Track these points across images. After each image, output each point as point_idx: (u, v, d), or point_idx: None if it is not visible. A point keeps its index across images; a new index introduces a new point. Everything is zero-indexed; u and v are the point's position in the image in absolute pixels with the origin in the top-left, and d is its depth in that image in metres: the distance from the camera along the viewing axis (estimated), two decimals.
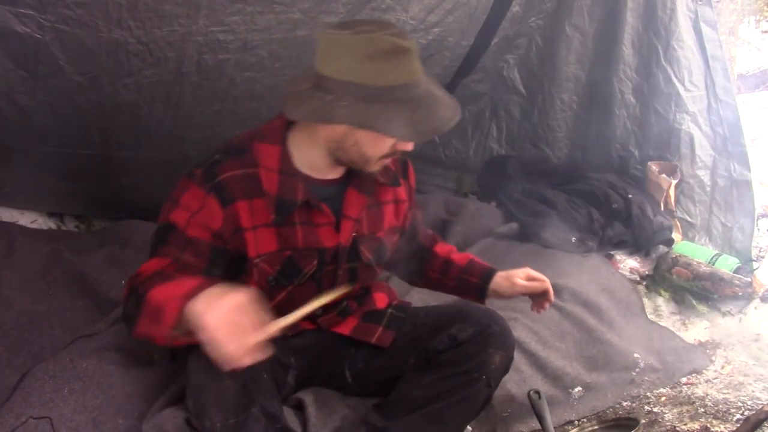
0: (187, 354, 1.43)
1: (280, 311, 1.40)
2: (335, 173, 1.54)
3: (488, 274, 1.75)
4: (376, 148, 1.44)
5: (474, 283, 1.76)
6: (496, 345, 1.55)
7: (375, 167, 1.50)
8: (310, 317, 1.56)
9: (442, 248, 1.84)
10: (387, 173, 1.61)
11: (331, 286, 1.54)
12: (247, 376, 1.34)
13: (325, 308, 1.57)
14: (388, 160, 1.51)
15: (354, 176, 1.55)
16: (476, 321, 1.56)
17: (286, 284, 1.51)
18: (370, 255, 1.60)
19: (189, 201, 1.46)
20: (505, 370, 1.62)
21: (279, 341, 1.50)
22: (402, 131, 1.38)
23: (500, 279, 1.74)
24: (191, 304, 1.18)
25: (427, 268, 1.82)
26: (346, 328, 1.63)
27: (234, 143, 1.52)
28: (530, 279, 1.73)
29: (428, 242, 1.84)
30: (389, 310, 1.69)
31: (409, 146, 1.46)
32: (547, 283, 1.73)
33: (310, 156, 1.49)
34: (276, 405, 1.40)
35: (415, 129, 1.38)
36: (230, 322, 1.15)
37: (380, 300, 1.71)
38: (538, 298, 1.76)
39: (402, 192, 1.68)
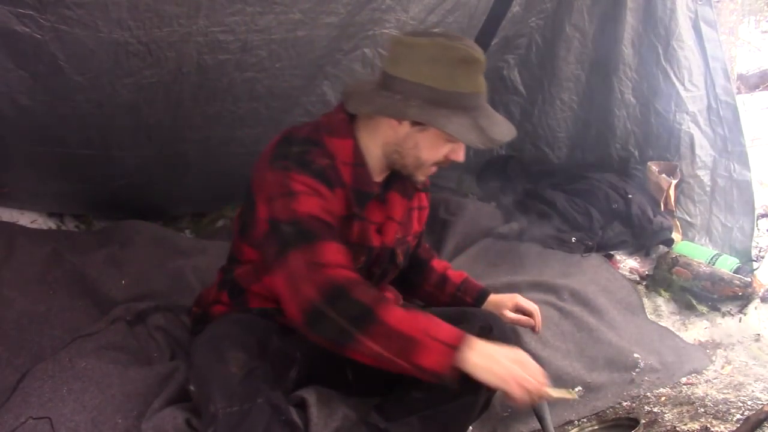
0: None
1: None
2: (379, 177, 1.58)
3: (482, 295, 1.84)
4: (433, 153, 1.50)
5: (467, 303, 1.82)
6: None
7: (423, 174, 1.56)
8: None
9: (438, 263, 1.90)
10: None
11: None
12: (253, 365, 1.35)
13: None
14: (435, 169, 1.56)
15: (395, 180, 1.60)
16: (479, 323, 1.57)
17: None
18: (403, 258, 1.67)
19: (304, 188, 1.42)
20: None
21: (287, 334, 1.53)
22: (467, 135, 1.43)
23: (491, 305, 1.82)
24: (467, 354, 1.30)
25: (423, 281, 1.86)
26: None
27: (302, 135, 1.51)
28: (518, 309, 1.83)
29: (426, 255, 1.90)
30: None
31: (460, 156, 1.51)
32: (535, 315, 1.82)
33: (368, 155, 1.53)
34: (281, 397, 1.39)
35: (478, 135, 1.43)
36: (518, 376, 1.31)
37: (390, 294, 1.76)
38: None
39: (425, 198, 1.74)
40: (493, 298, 1.84)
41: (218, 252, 2.39)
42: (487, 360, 1.31)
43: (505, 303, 1.83)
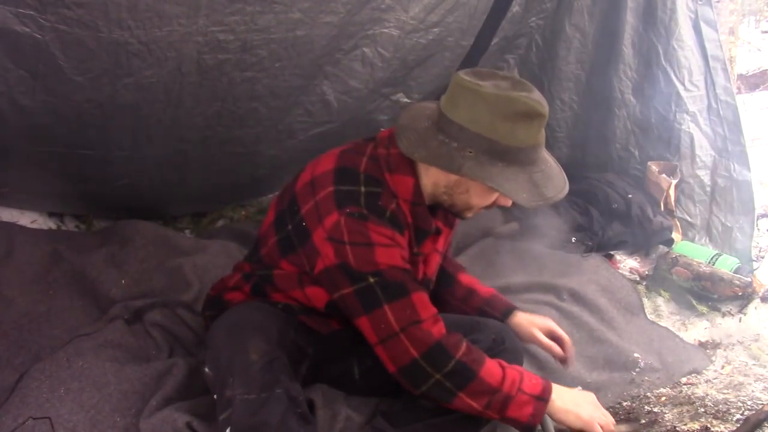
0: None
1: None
2: None
3: (509, 311, 1.81)
4: (483, 199, 1.51)
5: (494, 317, 1.79)
6: (510, 358, 1.55)
7: (470, 214, 1.58)
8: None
9: (465, 278, 1.89)
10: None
11: None
12: (273, 355, 1.37)
13: None
14: (482, 210, 1.57)
15: (437, 211, 1.60)
16: (491, 335, 1.58)
17: None
18: (434, 283, 1.71)
19: (383, 240, 1.43)
20: None
21: (302, 329, 1.55)
22: (520, 195, 1.41)
23: (521, 320, 1.80)
24: (556, 406, 1.46)
25: (447, 294, 1.85)
26: None
27: (364, 170, 1.48)
28: (550, 334, 1.80)
29: (452, 269, 1.89)
30: None
31: (509, 202, 1.50)
32: (566, 345, 1.78)
33: (423, 193, 1.54)
34: (299, 389, 1.40)
35: (531, 194, 1.42)
36: (598, 418, 1.50)
37: None
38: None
39: (454, 220, 1.73)
40: (524, 315, 1.81)
41: (218, 252, 2.39)
42: (572, 406, 1.47)
43: (537, 323, 1.80)
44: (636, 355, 2.23)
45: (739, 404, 2.01)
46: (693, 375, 2.26)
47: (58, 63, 1.89)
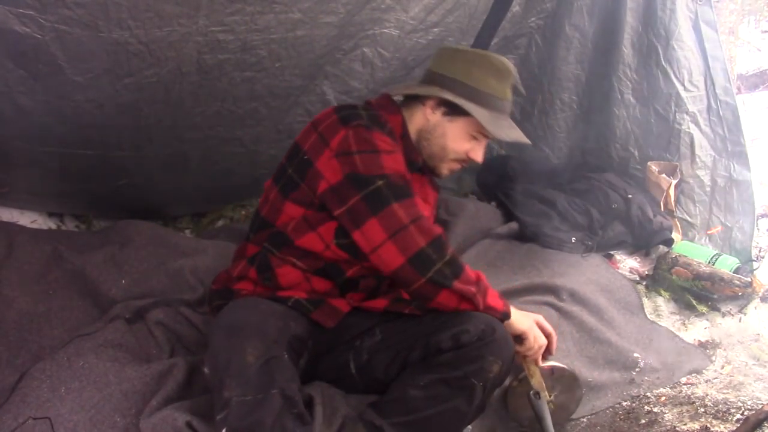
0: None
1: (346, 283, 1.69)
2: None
3: None
4: (457, 145, 1.71)
5: None
6: (497, 353, 1.56)
7: (446, 168, 1.76)
8: (344, 295, 1.70)
9: None
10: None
11: None
12: (270, 356, 1.38)
13: (354, 285, 1.70)
14: (457, 166, 1.76)
15: (423, 174, 1.78)
16: (480, 326, 1.57)
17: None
18: None
19: (387, 147, 1.59)
20: (501, 381, 1.63)
21: (303, 322, 1.58)
22: (490, 125, 1.64)
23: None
24: (517, 317, 1.66)
25: None
26: (381, 304, 1.72)
27: (356, 106, 1.69)
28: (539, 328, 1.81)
29: None
30: (413, 303, 1.75)
31: (479, 156, 1.73)
32: (552, 340, 1.79)
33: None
34: (295, 389, 1.41)
35: (497, 129, 1.66)
36: (537, 333, 1.71)
37: (405, 294, 1.78)
38: None
39: (433, 197, 1.88)
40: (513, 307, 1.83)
41: (218, 252, 2.39)
42: (521, 313, 1.68)
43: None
44: (636, 355, 2.23)
45: (739, 404, 2.01)
46: (693, 375, 2.26)
47: (58, 63, 1.89)
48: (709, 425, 1.91)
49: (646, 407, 2.06)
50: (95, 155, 2.37)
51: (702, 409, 2.01)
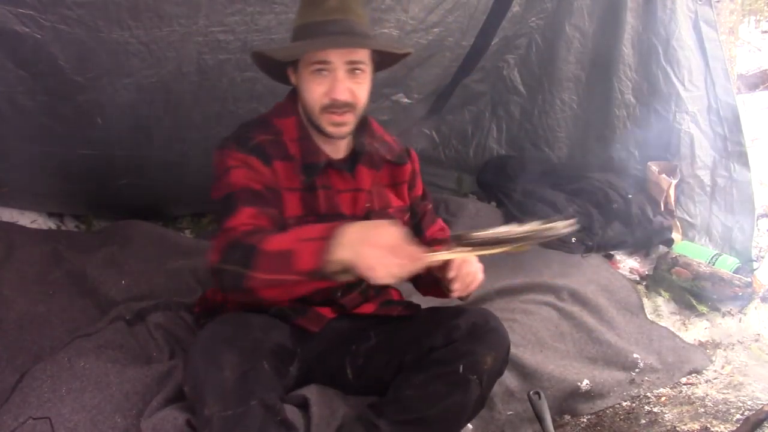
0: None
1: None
2: (338, 151, 1.63)
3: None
4: (311, 90, 1.52)
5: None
6: (489, 345, 1.55)
7: (326, 123, 1.53)
8: (332, 301, 1.63)
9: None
10: (391, 151, 1.70)
11: None
12: (247, 367, 1.35)
13: (347, 288, 1.63)
14: (334, 117, 1.52)
15: (362, 154, 1.65)
16: (470, 320, 1.57)
17: None
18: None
19: (236, 163, 1.51)
20: (499, 373, 1.61)
21: (288, 330, 1.54)
22: (313, 45, 1.48)
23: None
24: (337, 240, 1.24)
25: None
26: (369, 309, 1.67)
27: (256, 119, 1.65)
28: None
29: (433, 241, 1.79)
30: (404, 302, 1.75)
31: (335, 93, 1.49)
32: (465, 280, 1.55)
33: (310, 130, 1.60)
34: (275, 397, 1.39)
35: (323, 44, 1.48)
36: (387, 264, 1.23)
37: (395, 293, 1.78)
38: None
39: (403, 174, 1.73)
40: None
41: None
42: (356, 246, 1.23)
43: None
44: (636, 355, 2.23)
45: (739, 404, 2.01)
46: (693, 375, 2.26)
47: (58, 63, 1.90)
48: (709, 425, 1.91)
49: (646, 407, 2.06)
50: (95, 155, 2.37)
51: (702, 409, 2.01)
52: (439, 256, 1.37)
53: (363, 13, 1.57)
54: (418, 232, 1.78)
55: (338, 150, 1.63)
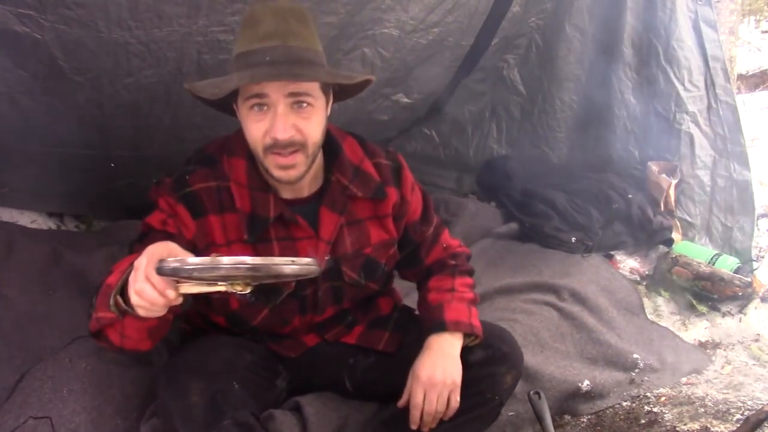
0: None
1: (264, 328, 1.48)
2: (300, 191, 1.47)
3: (428, 332, 1.57)
4: (252, 130, 1.35)
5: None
6: (508, 365, 1.54)
7: (273, 166, 1.36)
8: (316, 331, 1.57)
9: (434, 282, 1.66)
10: (366, 185, 1.50)
11: (314, 304, 1.52)
12: (214, 390, 1.33)
13: (331, 322, 1.57)
14: (278, 158, 1.35)
15: (325, 194, 1.47)
16: (486, 343, 1.55)
17: (266, 303, 1.47)
18: (355, 274, 1.52)
19: (163, 206, 1.41)
20: (515, 386, 1.61)
21: (263, 349, 1.51)
22: (242, 79, 1.30)
23: (420, 358, 1.52)
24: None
25: (420, 295, 1.70)
26: (352, 338, 1.61)
27: (207, 151, 1.48)
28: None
29: (436, 267, 1.68)
30: (394, 314, 1.67)
31: (274, 133, 1.32)
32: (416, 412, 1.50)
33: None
34: (248, 414, 1.34)
35: (253, 76, 1.29)
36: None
37: (385, 305, 1.68)
38: None
39: (385, 206, 1.53)
40: (424, 355, 1.52)
41: None
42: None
43: (420, 373, 1.50)
44: (636, 355, 2.23)
45: (739, 404, 2.01)
46: (693, 375, 2.26)
47: (58, 63, 1.89)
48: (709, 425, 1.91)
49: (646, 407, 2.06)
50: (95, 155, 2.37)
51: (702, 409, 2.01)
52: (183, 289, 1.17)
53: (308, 34, 1.35)
54: (416, 262, 1.66)
55: (301, 189, 1.46)
